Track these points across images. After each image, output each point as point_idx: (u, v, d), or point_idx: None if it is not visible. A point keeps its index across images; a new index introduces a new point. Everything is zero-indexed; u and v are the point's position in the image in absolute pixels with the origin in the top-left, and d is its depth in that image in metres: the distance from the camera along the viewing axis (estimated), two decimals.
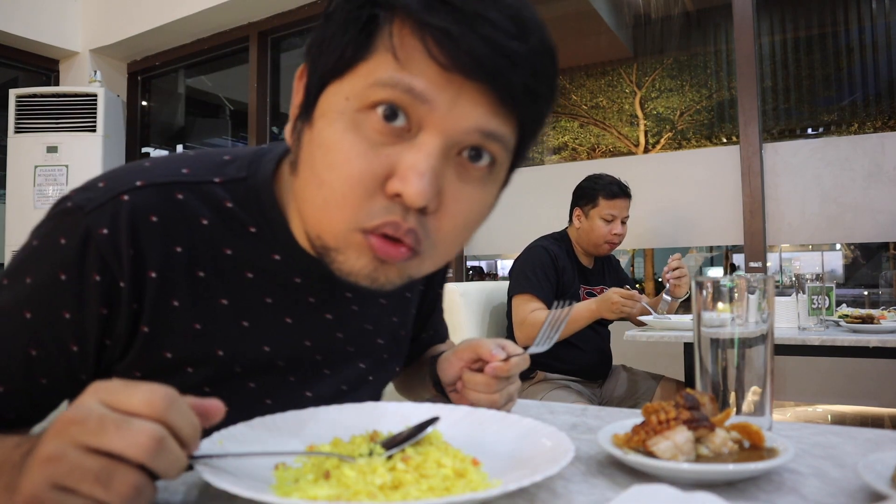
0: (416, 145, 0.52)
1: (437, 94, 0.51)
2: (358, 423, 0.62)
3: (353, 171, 0.53)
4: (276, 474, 0.51)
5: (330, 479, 0.49)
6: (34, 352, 0.59)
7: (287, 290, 0.67)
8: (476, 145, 0.54)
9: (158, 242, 0.60)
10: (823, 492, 0.49)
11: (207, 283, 0.63)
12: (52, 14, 4.26)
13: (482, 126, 0.53)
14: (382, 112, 0.52)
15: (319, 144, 0.55)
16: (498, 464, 0.55)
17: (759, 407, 0.65)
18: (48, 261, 0.58)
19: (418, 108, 0.52)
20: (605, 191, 2.25)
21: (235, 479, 0.46)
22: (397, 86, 0.51)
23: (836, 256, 6.32)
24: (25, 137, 3.93)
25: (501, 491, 0.45)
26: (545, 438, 0.57)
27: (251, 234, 0.65)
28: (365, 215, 0.53)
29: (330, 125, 0.54)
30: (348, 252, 0.56)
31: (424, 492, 0.47)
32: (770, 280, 0.66)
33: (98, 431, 0.40)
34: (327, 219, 0.55)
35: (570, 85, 4.48)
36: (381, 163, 0.52)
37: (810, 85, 3.41)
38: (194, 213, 0.62)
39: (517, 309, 2.16)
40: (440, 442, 0.57)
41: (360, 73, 0.53)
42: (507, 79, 0.52)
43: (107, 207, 0.58)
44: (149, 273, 0.60)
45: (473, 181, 0.56)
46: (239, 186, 0.65)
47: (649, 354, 2.87)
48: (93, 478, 0.39)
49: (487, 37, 0.50)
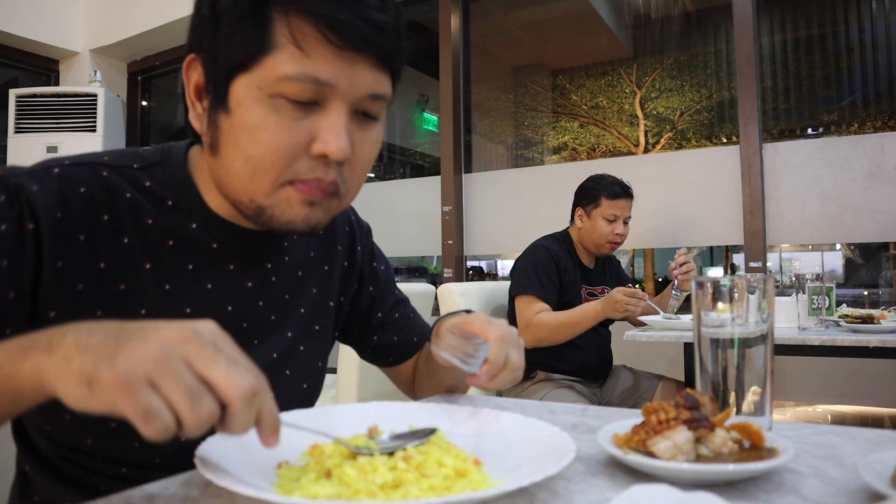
0: (328, 113, 0.63)
1: (337, 76, 0.62)
2: (359, 421, 0.63)
3: (278, 145, 0.63)
4: (280, 472, 0.52)
5: (332, 477, 0.49)
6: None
7: (206, 257, 0.73)
8: (368, 109, 0.66)
9: (85, 209, 0.67)
10: (823, 492, 0.49)
11: (131, 247, 0.69)
12: (52, 14, 4.26)
13: (373, 90, 0.65)
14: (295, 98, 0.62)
15: (243, 128, 0.63)
16: (499, 463, 0.56)
17: (759, 407, 0.65)
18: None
19: (324, 90, 0.62)
20: (607, 191, 2.24)
21: (237, 478, 0.47)
22: (304, 79, 0.61)
23: (837, 256, 6.32)
24: (25, 137, 3.93)
25: (502, 490, 0.45)
26: (547, 438, 0.57)
27: (169, 206, 0.72)
28: (292, 173, 0.64)
29: (250, 111, 0.63)
30: (281, 205, 0.65)
31: (425, 491, 0.47)
32: (770, 280, 0.66)
33: (210, 359, 0.44)
34: (257, 182, 0.65)
35: (570, 85, 4.48)
36: (301, 133, 0.63)
37: (810, 85, 3.41)
38: (118, 188, 0.70)
39: (521, 310, 2.14)
40: (442, 441, 0.57)
41: (267, 66, 0.61)
42: (384, 46, 0.64)
43: (37, 173, 0.66)
44: (77, 236, 0.66)
45: (370, 129, 0.68)
46: (155, 169, 0.73)
47: (650, 354, 2.86)
48: (185, 391, 0.42)
49: (366, 17, 0.62)
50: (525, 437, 0.60)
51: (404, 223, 3.66)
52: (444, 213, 3.52)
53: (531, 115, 4.53)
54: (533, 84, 4.52)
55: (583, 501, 0.48)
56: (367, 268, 0.97)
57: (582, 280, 2.30)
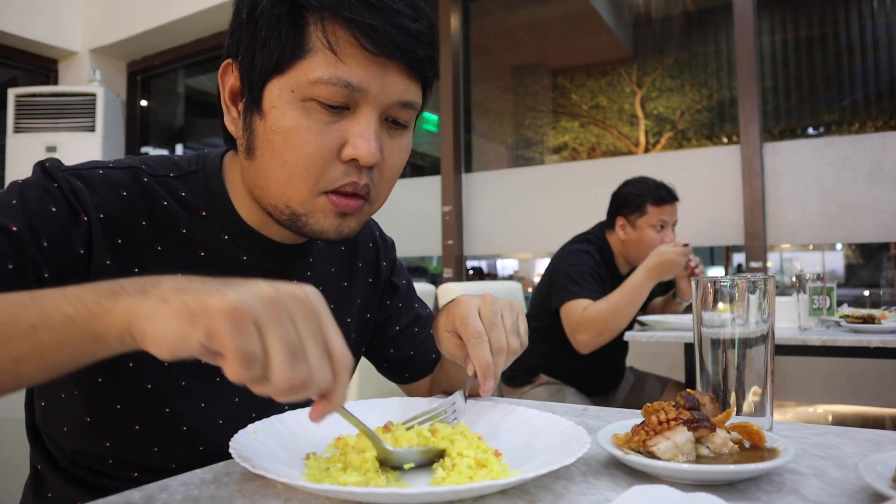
0: (359, 118, 0.65)
1: (369, 81, 0.64)
2: (377, 415, 0.68)
3: (312, 149, 0.64)
4: (308, 463, 0.56)
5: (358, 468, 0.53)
6: (10, 265, 0.60)
7: (236, 269, 0.74)
8: (398, 117, 0.68)
9: (126, 213, 0.68)
10: (824, 492, 0.49)
11: (165, 256, 0.70)
12: (51, 13, 4.25)
13: (403, 98, 0.67)
14: (327, 101, 0.63)
15: (277, 131, 0.65)
16: (517, 455, 0.59)
17: (760, 407, 0.65)
18: (37, 193, 0.64)
19: (355, 95, 0.64)
20: (652, 196, 2.08)
21: (270, 466, 0.50)
22: (337, 83, 0.62)
23: (837, 256, 6.32)
24: (24, 137, 3.93)
25: (520, 479, 0.46)
26: (562, 431, 0.60)
27: (202, 216, 0.73)
28: (327, 181, 0.66)
29: (283, 114, 0.64)
30: (316, 214, 0.67)
31: (449, 479, 0.51)
32: (771, 280, 0.66)
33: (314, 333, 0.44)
34: (293, 189, 0.66)
35: (570, 85, 4.48)
36: (332, 137, 0.65)
37: (811, 85, 3.40)
38: (156, 195, 0.71)
39: (568, 317, 1.95)
40: (467, 433, 0.61)
41: (301, 70, 0.63)
42: (416, 54, 0.65)
43: (82, 172, 0.67)
44: (116, 239, 0.67)
45: (399, 136, 0.71)
46: (190, 178, 0.74)
47: (650, 355, 2.86)
48: (288, 343, 0.42)
49: (400, 25, 0.63)
50: (541, 430, 0.62)
51: (404, 223, 3.66)
52: (444, 213, 3.52)
53: (531, 115, 4.52)
54: (533, 84, 4.52)
55: (583, 501, 0.47)
56: (387, 282, 0.97)
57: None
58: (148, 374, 0.69)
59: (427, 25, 0.67)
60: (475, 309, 0.71)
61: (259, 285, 0.43)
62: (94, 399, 0.70)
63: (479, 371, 0.67)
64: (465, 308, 0.71)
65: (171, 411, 0.71)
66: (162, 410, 0.70)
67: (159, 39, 4.27)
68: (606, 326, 1.87)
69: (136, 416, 0.70)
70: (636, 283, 1.88)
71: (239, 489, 0.51)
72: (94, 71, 4.30)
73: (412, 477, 0.55)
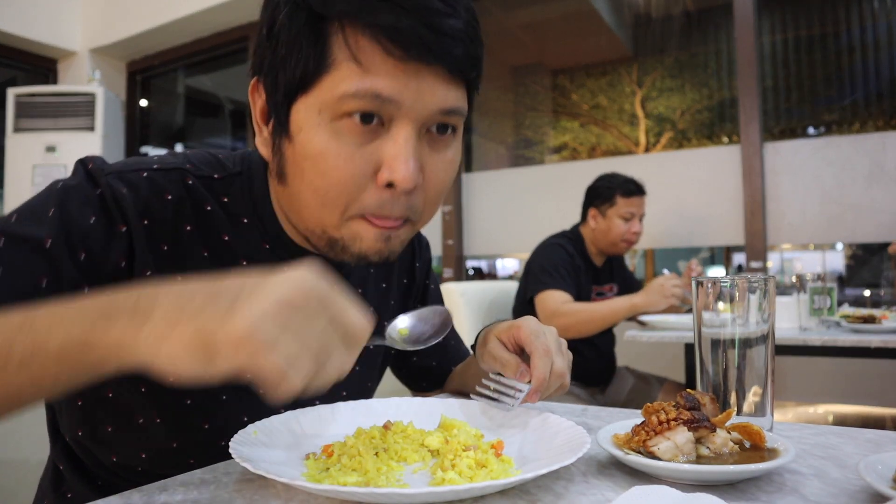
0: (393, 136, 0.58)
1: (401, 91, 0.57)
2: (373, 415, 0.68)
3: (343, 175, 0.58)
4: (308, 463, 0.56)
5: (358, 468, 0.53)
6: (44, 281, 0.57)
7: None
8: (441, 123, 0.61)
9: (171, 217, 0.65)
10: (824, 492, 0.49)
11: (209, 262, 0.67)
12: (50, 13, 4.25)
13: (443, 105, 0.59)
14: (359, 118, 0.57)
15: (305, 157, 0.60)
16: (518, 454, 0.59)
17: (760, 407, 0.64)
18: (77, 200, 0.60)
19: (388, 107, 0.57)
20: (622, 189, 2.23)
21: (270, 466, 0.50)
22: (365, 95, 0.56)
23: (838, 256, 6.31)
24: (24, 137, 3.93)
25: (520, 479, 0.47)
26: (562, 431, 0.60)
27: (244, 224, 0.70)
28: (359, 207, 0.60)
29: (311, 139, 0.59)
30: (353, 237, 0.62)
31: (449, 479, 0.50)
32: (771, 280, 0.66)
33: (339, 306, 0.43)
34: (328, 215, 0.61)
35: (570, 85, 4.47)
36: (366, 160, 0.59)
37: (811, 84, 3.40)
38: (202, 198, 0.67)
39: (544, 304, 2.09)
40: (470, 431, 0.62)
41: (326, 86, 0.57)
42: (453, 54, 0.58)
43: (125, 176, 0.63)
44: (162, 246, 0.64)
45: (444, 148, 0.63)
46: (235, 181, 0.70)
47: (650, 355, 2.86)
48: (318, 348, 0.41)
49: (431, 23, 0.55)
50: (541, 430, 0.62)
51: None
52: (444, 213, 3.52)
53: (531, 115, 4.52)
54: (533, 84, 4.52)
55: (583, 501, 0.47)
56: (422, 285, 0.94)
57: (592, 279, 2.29)
58: (189, 390, 0.66)
59: (465, 20, 0.59)
60: (542, 331, 0.71)
61: (263, 292, 0.40)
62: (132, 410, 0.67)
63: (534, 382, 0.66)
64: (535, 325, 0.71)
65: (211, 427, 0.69)
66: (202, 426, 0.69)
67: (159, 39, 4.27)
68: (575, 326, 2.03)
69: (177, 431, 0.68)
70: (620, 304, 2.05)
71: (239, 489, 0.51)
72: (94, 71, 4.30)
73: (412, 477, 0.55)
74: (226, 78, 4.90)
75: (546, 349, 0.68)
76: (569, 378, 0.71)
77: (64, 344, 0.42)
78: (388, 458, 0.57)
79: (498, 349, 0.72)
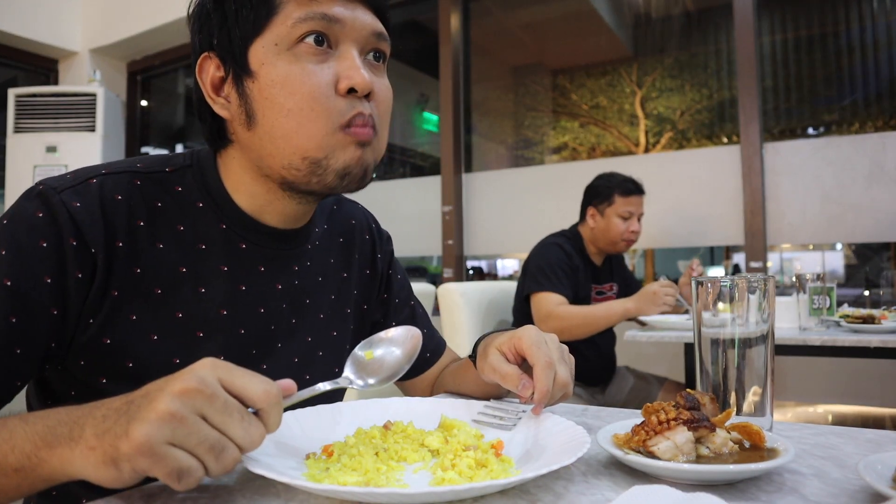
0: (342, 54, 0.69)
1: (343, 13, 0.68)
2: (373, 415, 0.68)
3: (311, 88, 0.67)
4: (308, 463, 0.56)
5: (358, 468, 0.53)
6: (14, 319, 0.61)
7: (238, 259, 0.74)
8: (375, 48, 0.72)
9: (123, 217, 0.68)
10: (824, 492, 0.49)
11: (167, 253, 0.70)
12: (51, 13, 4.25)
13: (376, 29, 0.71)
14: (313, 39, 0.67)
15: (273, 84, 0.67)
16: (518, 454, 0.59)
17: (760, 407, 0.65)
18: (25, 231, 0.63)
19: (333, 29, 0.68)
20: (620, 188, 2.23)
21: (270, 466, 0.50)
22: (314, 17, 0.67)
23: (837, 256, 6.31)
24: (25, 137, 3.93)
25: (520, 479, 0.47)
26: (562, 431, 0.60)
27: (199, 208, 0.74)
28: (337, 115, 0.67)
29: (274, 67, 0.67)
30: (336, 152, 0.68)
31: (449, 479, 0.51)
32: (771, 280, 0.66)
33: (223, 413, 0.46)
34: (306, 135, 0.67)
35: (570, 85, 4.47)
36: (326, 74, 0.68)
37: (811, 84, 3.40)
38: (151, 196, 0.72)
39: (539, 306, 2.10)
40: (470, 431, 0.62)
41: (278, 22, 0.67)
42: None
43: (78, 188, 0.67)
44: (116, 242, 0.67)
45: (380, 73, 0.74)
46: (186, 172, 0.75)
47: (650, 355, 2.86)
48: (209, 446, 0.45)
49: None
50: (541, 430, 0.62)
51: (404, 223, 3.66)
52: (444, 213, 3.52)
53: (531, 115, 4.52)
54: (533, 84, 4.52)
55: (583, 501, 0.47)
56: (384, 276, 0.97)
57: (592, 279, 2.29)
58: None
59: None
60: (544, 340, 0.71)
61: (155, 401, 0.44)
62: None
63: (537, 395, 0.66)
64: (537, 335, 0.71)
65: None
66: None
67: (159, 39, 4.27)
68: (569, 328, 2.03)
69: None
70: (614, 307, 2.05)
71: (239, 489, 0.51)
72: (94, 71, 4.30)
73: (412, 477, 0.55)
74: None
75: (548, 360, 0.67)
76: (572, 386, 0.70)
77: (18, 466, 0.49)
78: (388, 458, 0.57)
79: (499, 361, 0.72)
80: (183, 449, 0.44)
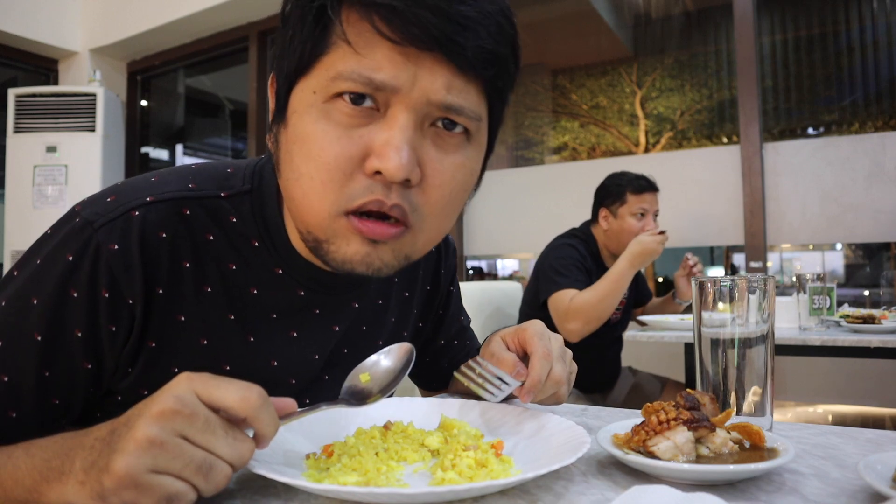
0: (388, 122, 0.54)
1: (396, 77, 0.52)
2: (373, 415, 0.67)
3: (328, 157, 0.54)
4: (308, 463, 0.56)
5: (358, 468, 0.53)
6: (47, 373, 0.58)
7: (292, 304, 0.68)
8: (444, 117, 0.56)
9: (166, 259, 0.61)
10: (824, 492, 0.49)
11: (214, 298, 0.64)
12: (51, 13, 4.25)
13: (443, 99, 0.54)
14: (349, 99, 0.54)
15: (295, 139, 0.56)
16: (518, 454, 0.59)
17: (760, 407, 0.65)
18: (56, 279, 0.57)
19: (382, 92, 0.53)
20: (632, 186, 2.16)
21: (270, 466, 0.50)
22: (358, 79, 0.53)
23: (837, 256, 6.31)
24: (25, 137, 3.93)
25: (520, 479, 0.47)
26: (562, 431, 0.60)
27: (254, 248, 0.65)
28: (346, 198, 0.54)
29: (301, 119, 0.55)
30: (337, 240, 0.56)
31: (449, 479, 0.50)
32: (771, 280, 0.66)
33: (205, 431, 0.43)
34: (310, 209, 0.56)
35: (570, 85, 4.47)
36: (355, 144, 0.54)
37: (811, 84, 3.40)
38: (201, 229, 0.63)
39: (555, 306, 2.00)
40: (471, 431, 0.62)
41: (323, 67, 0.54)
42: (459, 44, 0.52)
43: (117, 223, 0.59)
44: (157, 289, 0.60)
45: (452, 149, 0.57)
46: (244, 199, 0.65)
47: (650, 355, 2.86)
48: (195, 467, 0.43)
49: (434, 5, 0.51)
50: (541, 430, 0.62)
51: None
52: None
53: (531, 115, 4.52)
54: (533, 84, 4.52)
55: (583, 501, 0.47)
56: (446, 292, 0.91)
57: None
58: None
59: (483, 11, 0.53)
60: (548, 336, 0.70)
61: (133, 429, 0.42)
62: None
63: (529, 382, 0.66)
64: (541, 329, 0.70)
65: None
66: None
67: (159, 39, 4.27)
68: (594, 314, 1.94)
69: None
70: (619, 271, 1.95)
71: (239, 489, 0.51)
72: (95, 71, 4.29)
73: (412, 477, 0.55)
74: (226, 78, 4.90)
75: (547, 352, 0.67)
76: (566, 389, 0.70)
77: (25, 496, 0.48)
78: (388, 458, 0.57)
79: (499, 348, 0.72)
80: (169, 474, 0.42)
